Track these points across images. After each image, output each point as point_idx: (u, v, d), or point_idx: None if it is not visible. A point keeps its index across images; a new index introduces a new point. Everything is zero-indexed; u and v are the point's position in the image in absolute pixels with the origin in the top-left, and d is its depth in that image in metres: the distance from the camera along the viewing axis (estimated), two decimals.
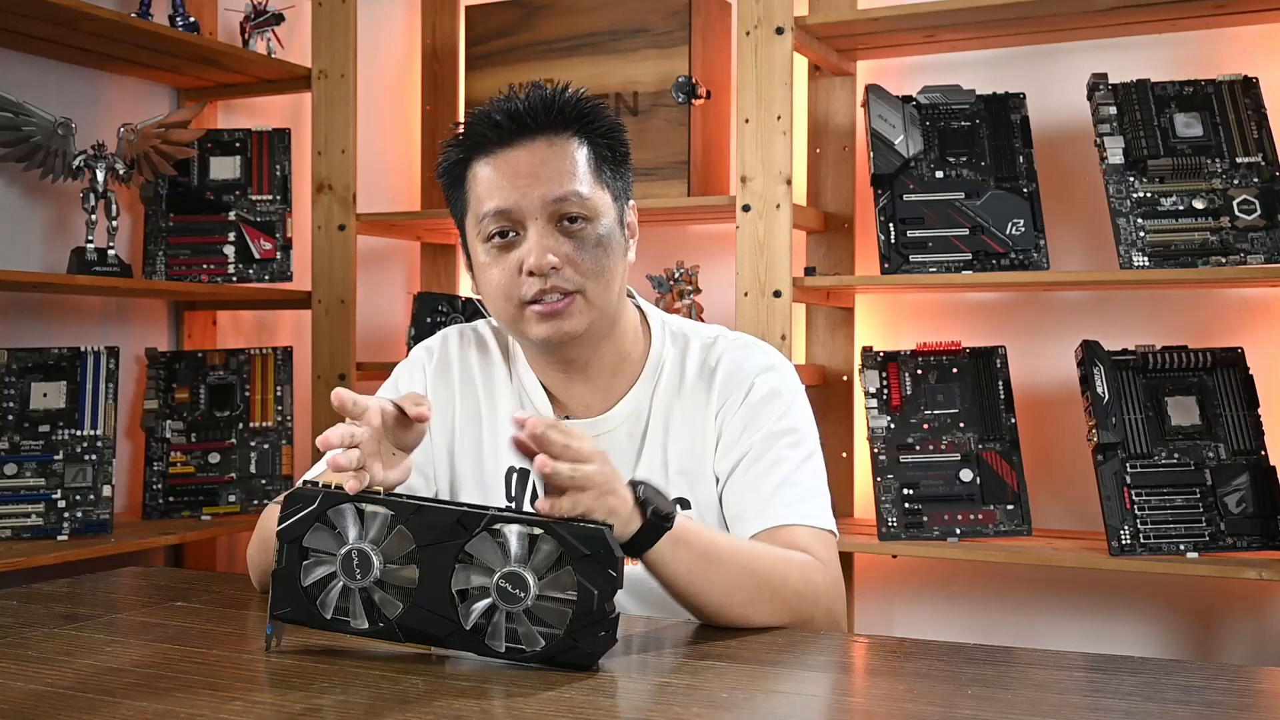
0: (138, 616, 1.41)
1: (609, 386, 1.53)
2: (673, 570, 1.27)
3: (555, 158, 1.43)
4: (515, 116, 1.43)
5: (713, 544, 1.31)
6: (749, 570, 1.32)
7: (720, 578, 1.30)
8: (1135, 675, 1.15)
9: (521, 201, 1.41)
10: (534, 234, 1.41)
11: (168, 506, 2.74)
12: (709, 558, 1.29)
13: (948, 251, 2.38)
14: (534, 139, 1.43)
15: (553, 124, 1.43)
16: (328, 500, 1.17)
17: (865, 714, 1.10)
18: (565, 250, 1.42)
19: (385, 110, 3.05)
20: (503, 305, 1.45)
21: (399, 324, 3.01)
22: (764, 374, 1.51)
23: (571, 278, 1.42)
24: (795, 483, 1.46)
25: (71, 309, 2.77)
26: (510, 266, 1.43)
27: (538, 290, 1.41)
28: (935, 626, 2.58)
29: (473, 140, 1.46)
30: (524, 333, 1.46)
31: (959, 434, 2.41)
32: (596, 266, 1.43)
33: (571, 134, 1.44)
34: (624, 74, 2.56)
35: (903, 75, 2.62)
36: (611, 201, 1.47)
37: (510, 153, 1.43)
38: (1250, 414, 2.27)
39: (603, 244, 1.44)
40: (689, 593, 1.29)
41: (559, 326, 1.43)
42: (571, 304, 1.43)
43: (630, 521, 1.21)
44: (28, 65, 2.65)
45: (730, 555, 1.32)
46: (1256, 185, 2.27)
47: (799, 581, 1.35)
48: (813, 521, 1.44)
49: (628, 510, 1.21)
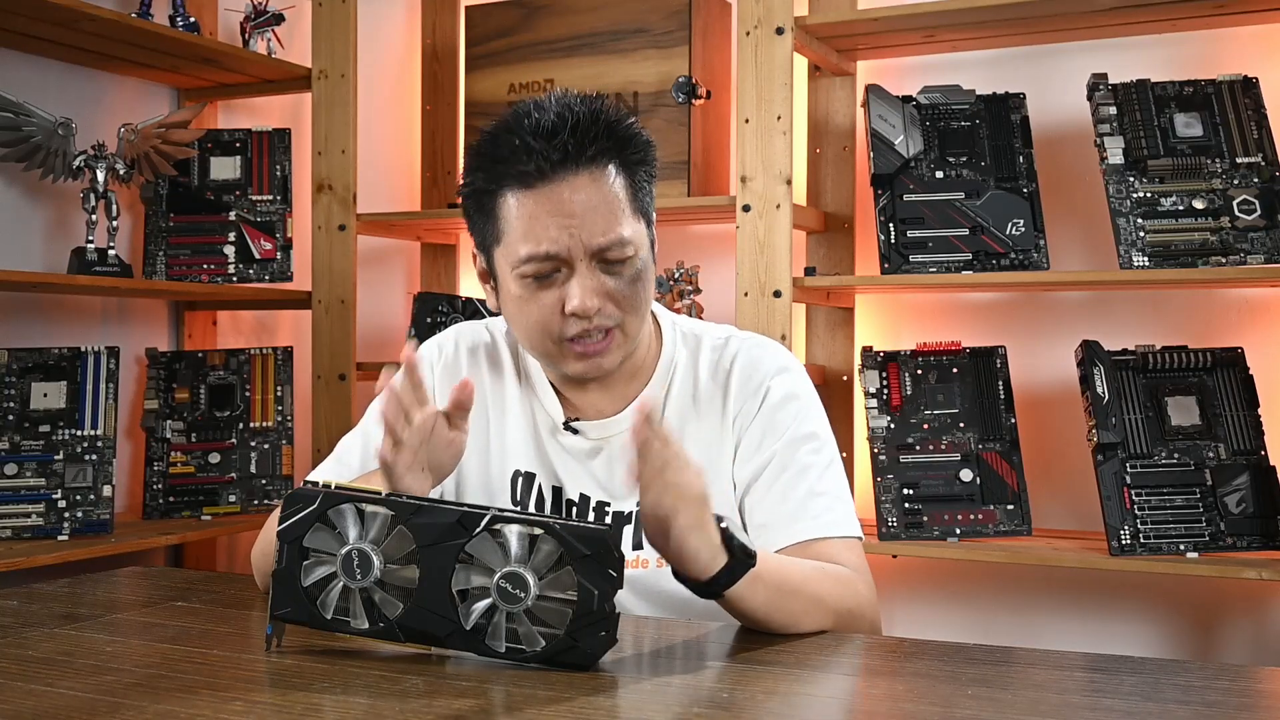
0: (138, 616, 1.41)
1: (622, 392, 1.52)
2: (750, 606, 1.26)
3: (600, 199, 1.37)
4: (556, 145, 1.35)
5: (784, 575, 1.30)
6: (815, 599, 1.32)
7: (792, 608, 1.30)
8: (1135, 675, 1.15)
9: (568, 243, 1.37)
10: (580, 276, 1.38)
11: (168, 506, 2.74)
12: (782, 590, 1.29)
13: (948, 251, 2.38)
14: (576, 174, 1.36)
15: (594, 153, 1.37)
16: (328, 500, 1.17)
17: (865, 714, 1.10)
18: (608, 288, 1.39)
19: (385, 110, 3.05)
20: (539, 340, 1.43)
21: (399, 324, 3.01)
22: (779, 376, 1.51)
23: (612, 314, 1.40)
24: (822, 491, 1.45)
25: (72, 309, 2.77)
26: (549, 304, 1.39)
27: (580, 330, 1.40)
28: (935, 626, 2.58)
29: (506, 170, 1.38)
30: (558, 366, 1.46)
31: (959, 434, 2.41)
32: (634, 300, 1.42)
33: (610, 163, 1.39)
34: (624, 74, 2.56)
35: (903, 75, 2.62)
36: (646, 229, 1.45)
37: (552, 189, 1.36)
38: (1250, 414, 2.27)
39: (641, 278, 1.42)
40: (761, 624, 1.29)
41: (598, 364, 1.43)
42: (610, 341, 1.42)
43: (716, 558, 1.21)
44: (28, 65, 2.65)
45: (799, 586, 1.32)
46: (1256, 185, 2.27)
47: (851, 600, 1.37)
48: (843, 531, 1.44)
49: (714, 546, 1.21)
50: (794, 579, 1.32)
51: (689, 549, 1.19)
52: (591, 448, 1.52)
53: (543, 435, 1.54)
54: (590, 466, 1.52)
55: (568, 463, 1.52)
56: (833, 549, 1.42)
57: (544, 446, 1.53)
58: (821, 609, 1.32)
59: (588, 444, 1.52)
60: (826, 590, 1.34)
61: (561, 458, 1.52)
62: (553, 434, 1.53)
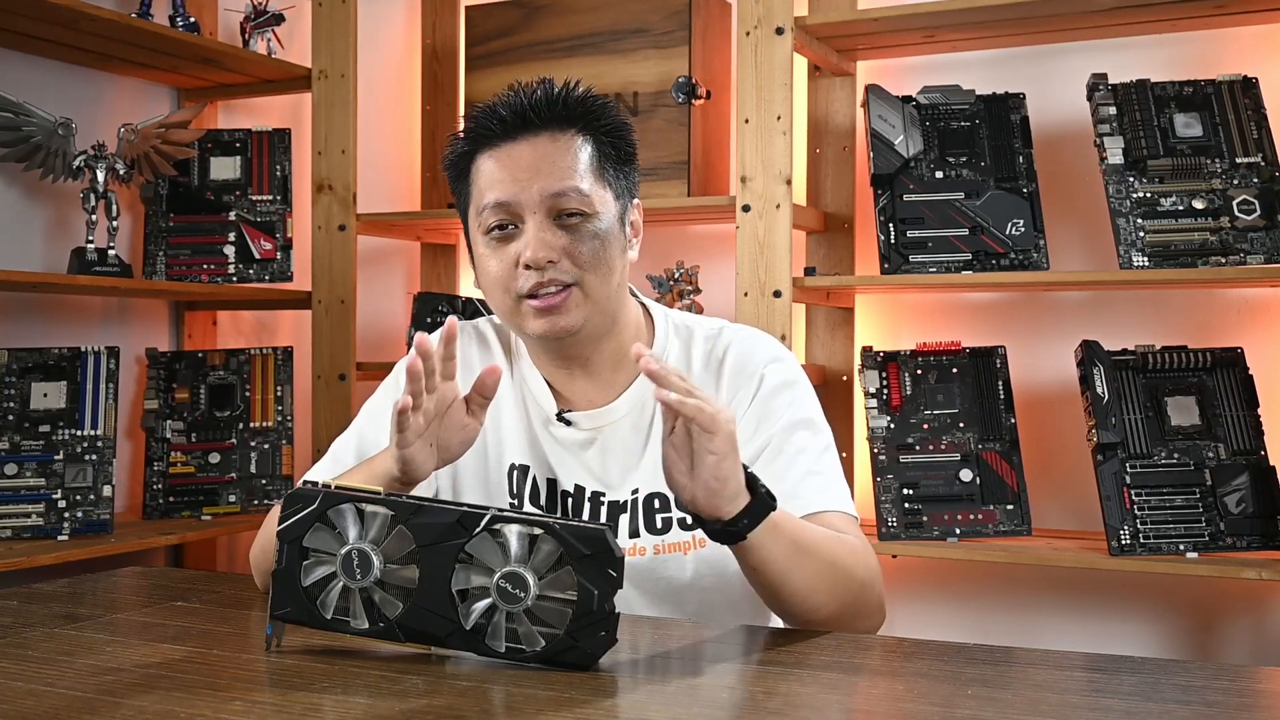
0: (138, 616, 1.41)
1: (611, 380, 1.53)
2: (769, 557, 1.27)
3: (557, 153, 1.44)
4: (520, 111, 1.44)
5: (802, 531, 1.32)
6: (830, 561, 1.33)
7: (809, 567, 1.31)
8: (1135, 675, 1.15)
9: (521, 194, 1.42)
10: (532, 227, 1.42)
11: (168, 506, 2.74)
12: (800, 546, 1.30)
13: (948, 251, 2.38)
14: (537, 134, 1.44)
15: (557, 120, 1.45)
16: (328, 500, 1.17)
17: (865, 714, 1.10)
18: (562, 243, 1.42)
19: (385, 110, 3.05)
20: (500, 298, 1.47)
21: (399, 324, 3.01)
22: (772, 365, 1.52)
23: (569, 270, 1.42)
24: (819, 471, 1.47)
25: (72, 309, 2.77)
26: (508, 259, 1.44)
27: (534, 284, 1.42)
28: (935, 626, 2.58)
29: (478, 133, 1.47)
30: (521, 328, 1.47)
31: (959, 434, 2.41)
32: (594, 259, 1.43)
33: (576, 130, 1.46)
34: (624, 74, 2.56)
35: (903, 75, 2.62)
36: (613, 199, 1.47)
37: (513, 146, 1.44)
38: (1250, 414, 2.27)
39: (600, 238, 1.44)
40: (777, 582, 1.29)
41: (555, 322, 1.44)
42: (568, 297, 1.43)
43: (740, 495, 1.22)
44: (28, 65, 2.65)
45: (815, 545, 1.32)
46: (1256, 185, 2.27)
47: (864, 571, 1.38)
48: (842, 507, 1.45)
49: (740, 481, 1.22)
50: (813, 537, 1.33)
51: (721, 475, 1.20)
52: (585, 438, 1.52)
53: (536, 428, 1.54)
54: (584, 457, 1.52)
55: (561, 454, 1.53)
56: (836, 523, 1.43)
57: (537, 439, 1.54)
58: (836, 574, 1.33)
59: (580, 434, 1.52)
60: (841, 556, 1.35)
61: (555, 449, 1.53)
62: (545, 426, 1.54)
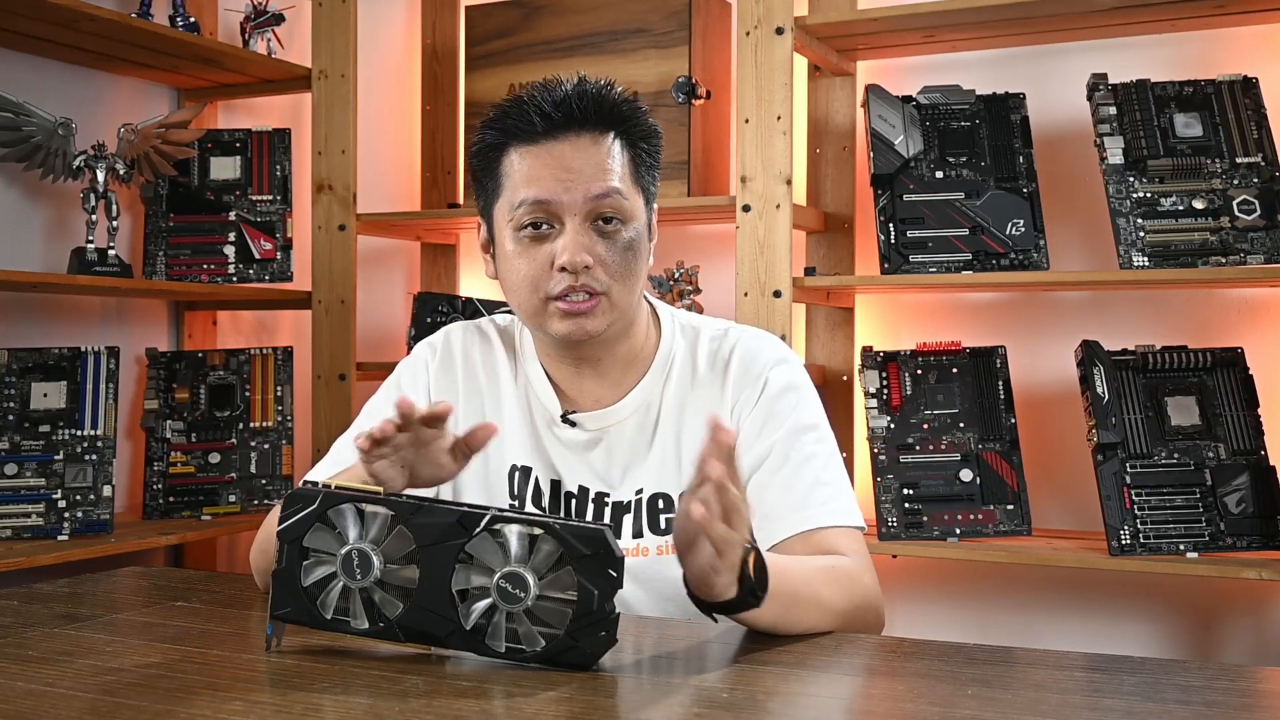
0: (138, 616, 1.41)
1: (619, 381, 1.53)
2: (757, 622, 1.26)
3: (600, 155, 1.42)
4: (563, 108, 1.42)
5: (792, 589, 1.28)
6: (821, 606, 1.32)
7: (799, 618, 1.30)
8: (1135, 675, 1.15)
9: (563, 195, 1.41)
10: (570, 230, 1.41)
11: (168, 506, 2.74)
12: (790, 605, 1.27)
13: (948, 251, 2.38)
14: (579, 134, 1.42)
15: (600, 121, 1.43)
16: (328, 500, 1.17)
17: (865, 714, 1.10)
18: (599, 250, 1.42)
19: (385, 110, 3.05)
20: (527, 297, 1.44)
21: (399, 324, 3.01)
22: (778, 367, 1.52)
23: (600, 279, 1.42)
24: (826, 481, 1.46)
25: (71, 309, 2.77)
26: (541, 259, 1.42)
27: (566, 286, 1.41)
28: (935, 626, 2.58)
29: (513, 126, 1.44)
30: (544, 327, 1.46)
31: (959, 434, 2.41)
32: (624, 270, 1.43)
33: (616, 134, 1.44)
34: (624, 74, 2.56)
35: (903, 75, 2.62)
36: (644, 205, 1.48)
37: (554, 145, 1.42)
38: (1250, 414, 2.27)
39: (633, 247, 1.44)
40: (769, 632, 1.28)
41: (582, 325, 1.43)
42: (596, 305, 1.43)
43: (729, 589, 1.19)
44: (28, 65, 2.65)
45: (807, 595, 1.31)
46: (1256, 185, 2.27)
47: (859, 597, 1.37)
48: (846, 521, 1.45)
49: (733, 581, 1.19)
50: (802, 591, 1.31)
51: (715, 588, 1.17)
52: (590, 439, 1.52)
53: (539, 429, 1.54)
54: (588, 458, 1.52)
55: (565, 455, 1.52)
56: (836, 538, 1.42)
57: (541, 440, 1.54)
58: (829, 613, 1.32)
59: (585, 435, 1.52)
60: (832, 595, 1.34)
61: (559, 450, 1.53)
62: (549, 427, 1.53)
